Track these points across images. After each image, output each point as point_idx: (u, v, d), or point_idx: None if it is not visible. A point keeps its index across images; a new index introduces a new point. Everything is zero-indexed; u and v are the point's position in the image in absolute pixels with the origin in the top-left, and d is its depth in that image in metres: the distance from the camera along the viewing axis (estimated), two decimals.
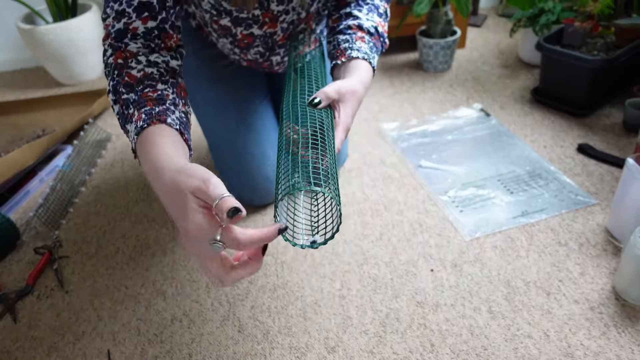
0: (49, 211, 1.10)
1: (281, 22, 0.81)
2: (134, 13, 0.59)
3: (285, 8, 0.78)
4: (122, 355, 0.80)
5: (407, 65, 1.67)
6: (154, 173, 0.50)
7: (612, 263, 0.87)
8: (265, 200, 1.06)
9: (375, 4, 0.78)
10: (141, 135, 0.54)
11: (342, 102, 0.63)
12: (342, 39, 0.73)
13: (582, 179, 1.07)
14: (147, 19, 0.60)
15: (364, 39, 0.72)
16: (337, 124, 0.62)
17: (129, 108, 0.56)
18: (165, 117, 0.55)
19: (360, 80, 0.66)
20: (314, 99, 0.60)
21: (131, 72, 0.58)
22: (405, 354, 0.75)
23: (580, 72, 1.21)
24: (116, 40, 0.60)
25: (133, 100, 0.56)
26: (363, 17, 0.75)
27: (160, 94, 0.57)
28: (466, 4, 1.42)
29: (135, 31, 0.60)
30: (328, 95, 0.60)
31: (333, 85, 0.62)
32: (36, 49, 1.65)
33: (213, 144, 1.04)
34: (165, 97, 0.58)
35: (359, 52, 0.70)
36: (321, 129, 0.56)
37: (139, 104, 0.56)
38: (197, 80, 0.99)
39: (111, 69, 0.59)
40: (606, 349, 0.73)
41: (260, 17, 0.78)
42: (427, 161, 1.17)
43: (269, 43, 0.85)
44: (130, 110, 0.56)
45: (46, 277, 0.96)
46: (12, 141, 1.38)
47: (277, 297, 0.87)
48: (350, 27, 0.74)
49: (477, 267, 0.89)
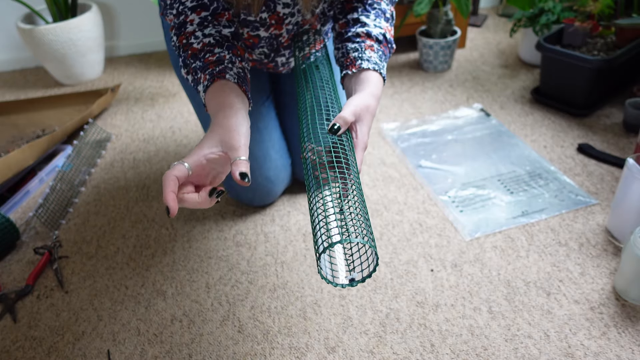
0: (49, 211, 1.10)
1: (287, 25, 0.81)
2: (189, 11, 0.70)
3: (291, 11, 0.79)
4: (122, 355, 0.80)
5: (407, 65, 1.67)
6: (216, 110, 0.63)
7: (612, 263, 0.87)
8: (266, 201, 1.06)
9: (382, 8, 0.78)
10: (207, 92, 0.65)
11: (358, 122, 0.65)
12: (351, 47, 0.73)
13: (582, 179, 1.07)
14: (200, 11, 0.70)
15: (373, 47, 0.73)
16: (356, 145, 0.64)
17: (197, 73, 0.67)
18: (224, 74, 0.65)
19: (372, 93, 0.68)
20: (333, 125, 0.62)
21: (193, 45, 0.69)
22: (405, 354, 0.75)
23: (580, 72, 1.21)
24: (177, 29, 0.71)
25: (199, 66, 0.67)
26: (371, 24, 0.75)
27: (218, 56, 0.68)
28: (466, 4, 1.42)
29: (192, 22, 0.70)
30: (346, 120, 0.63)
31: (349, 107, 0.64)
32: (36, 49, 1.65)
33: None
34: (223, 58, 0.68)
35: (369, 62, 0.71)
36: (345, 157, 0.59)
37: (204, 68, 0.67)
38: None
39: (179, 48, 0.71)
40: (606, 349, 0.73)
41: (267, 20, 0.78)
42: (427, 161, 1.17)
43: (274, 44, 0.85)
44: (198, 75, 0.67)
45: (46, 277, 0.96)
46: (12, 141, 1.38)
47: (277, 297, 0.87)
48: (359, 34, 0.74)
49: (477, 267, 0.89)
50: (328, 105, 0.68)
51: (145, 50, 1.98)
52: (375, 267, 0.53)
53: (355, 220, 0.53)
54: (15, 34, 1.84)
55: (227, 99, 0.63)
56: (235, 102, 0.63)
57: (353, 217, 0.53)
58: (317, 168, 0.59)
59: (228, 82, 0.65)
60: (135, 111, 1.54)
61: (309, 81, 0.72)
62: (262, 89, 1.03)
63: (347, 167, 0.58)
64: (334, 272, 0.56)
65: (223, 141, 0.59)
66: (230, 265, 0.94)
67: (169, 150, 1.32)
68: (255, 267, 0.93)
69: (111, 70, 1.85)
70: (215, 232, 1.03)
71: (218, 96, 0.64)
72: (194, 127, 1.42)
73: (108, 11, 1.87)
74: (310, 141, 0.63)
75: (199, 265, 0.95)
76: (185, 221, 1.07)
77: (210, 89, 0.65)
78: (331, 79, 0.74)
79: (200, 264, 0.95)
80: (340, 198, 0.55)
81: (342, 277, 0.55)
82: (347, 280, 0.54)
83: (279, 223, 1.03)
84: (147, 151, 1.33)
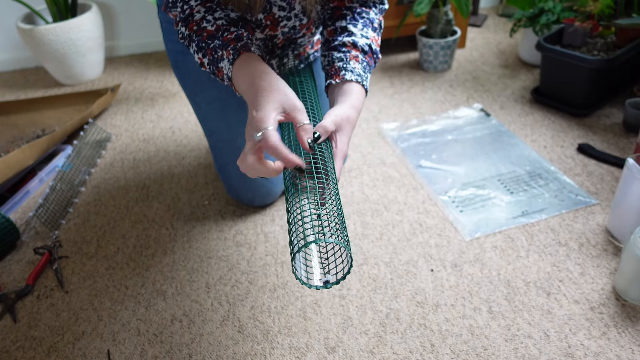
0: (49, 211, 1.10)
1: (282, 27, 0.81)
2: (194, 2, 0.71)
3: (287, 14, 0.79)
4: (122, 355, 0.80)
5: (407, 65, 1.67)
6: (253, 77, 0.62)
7: (612, 263, 0.87)
8: (266, 201, 1.06)
9: (370, 17, 0.79)
10: (235, 64, 0.65)
11: (338, 131, 0.66)
12: (337, 57, 0.75)
13: (582, 179, 1.07)
14: (205, 2, 0.72)
15: (358, 58, 0.74)
16: (336, 154, 0.65)
17: (217, 52, 0.67)
18: (250, 46, 0.66)
19: (353, 104, 0.69)
20: (314, 134, 0.63)
21: (207, 27, 0.70)
22: (405, 354, 0.75)
23: (580, 72, 1.21)
24: (184, 21, 0.72)
25: (218, 45, 0.67)
26: (358, 33, 0.76)
27: (237, 34, 0.68)
28: (466, 4, 1.42)
29: (199, 11, 0.71)
30: (327, 129, 0.64)
31: (330, 117, 0.65)
32: (36, 49, 1.65)
33: (214, 144, 1.03)
34: (241, 35, 0.68)
35: (352, 73, 0.72)
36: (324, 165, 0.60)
37: (224, 46, 0.67)
38: (199, 81, 0.99)
39: (189, 36, 0.71)
40: (606, 349, 0.73)
41: (262, 21, 0.79)
42: (427, 161, 1.17)
43: (269, 46, 0.86)
44: (218, 53, 0.67)
45: (46, 277, 0.96)
46: (12, 141, 1.38)
47: (277, 297, 0.87)
48: (345, 44, 0.75)
49: (477, 267, 0.89)
50: (309, 115, 0.69)
51: (145, 50, 1.98)
52: (350, 269, 0.54)
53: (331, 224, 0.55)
54: (15, 34, 1.84)
55: (261, 66, 0.64)
56: (271, 70, 0.63)
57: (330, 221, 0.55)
58: (297, 175, 0.60)
59: (254, 54, 0.66)
60: (135, 111, 1.54)
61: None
62: None
63: (325, 175, 0.59)
64: (309, 273, 0.57)
65: (284, 102, 0.60)
66: (230, 265, 0.94)
67: (169, 150, 1.32)
68: (255, 267, 0.93)
69: (111, 70, 1.85)
70: (215, 232, 1.03)
71: (250, 65, 0.64)
72: (194, 127, 1.42)
73: (108, 11, 1.87)
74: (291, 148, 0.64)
75: (199, 265, 0.95)
76: (185, 221, 1.07)
77: (238, 61, 0.65)
78: (314, 91, 0.76)
79: (200, 264, 0.95)
80: (318, 204, 0.56)
81: (316, 279, 0.57)
82: (321, 282, 0.56)
83: (279, 223, 1.03)
84: (147, 151, 1.33)
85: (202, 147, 1.32)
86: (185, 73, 0.99)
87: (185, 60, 0.96)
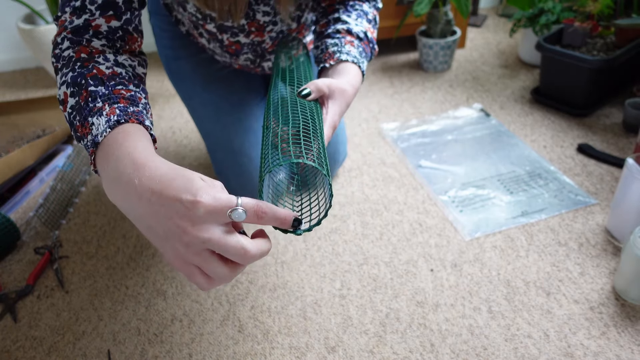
0: (49, 211, 1.10)
1: (269, 32, 0.80)
2: (97, 11, 0.56)
3: (272, 19, 0.78)
4: (122, 355, 0.80)
5: (407, 65, 1.67)
6: (133, 165, 0.44)
7: (612, 263, 0.87)
8: None
9: (364, 10, 0.77)
10: (116, 129, 0.49)
11: (331, 98, 0.61)
12: (331, 42, 0.71)
13: (582, 179, 1.07)
14: (111, 18, 0.57)
15: (353, 43, 0.71)
16: (325, 120, 0.59)
17: (96, 101, 0.51)
18: (143, 119, 0.52)
19: (350, 82, 0.64)
20: (303, 89, 0.58)
21: (100, 67, 0.54)
22: (405, 354, 0.75)
23: (580, 72, 1.22)
24: (75, 35, 0.56)
25: (103, 93, 0.52)
26: (352, 22, 0.74)
27: (133, 95, 0.54)
28: (466, 4, 1.42)
29: (98, 29, 0.57)
30: (318, 87, 0.58)
31: (324, 80, 0.61)
32: (36, 49, 1.65)
33: (211, 146, 1.04)
34: (138, 99, 0.54)
35: (348, 55, 0.68)
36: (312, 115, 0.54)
37: (110, 99, 0.51)
38: (193, 84, 0.99)
39: (70, 61, 0.55)
40: (606, 349, 0.73)
41: (245, 27, 0.77)
42: (427, 161, 1.18)
43: (258, 51, 0.84)
44: (98, 103, 0.51)
45: (46, 277, 0.96)
46: (12, 141, 1.38)
47: (277, 297, 0.87)
48: (339, 31, 0.72)
49: (477, 267, 0.89)
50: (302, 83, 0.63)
51: (144, 50, 1.98)
52: (327, 212, 0.49)
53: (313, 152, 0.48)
54: (16, 34, 1.84)
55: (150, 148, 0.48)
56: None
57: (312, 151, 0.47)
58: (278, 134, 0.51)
59: (145, 131, 0.51)
60: None
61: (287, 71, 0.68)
62: (255, 90, 1.03)
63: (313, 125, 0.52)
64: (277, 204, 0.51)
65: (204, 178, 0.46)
66: None
67: (169, 150, 1.33)
68: (255, 267, 0.93)
69: None
70: None
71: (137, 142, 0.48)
72: (194, 127, 1.42)
73: None
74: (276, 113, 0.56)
75: None
76: None
77: (123, 127, 0.49)
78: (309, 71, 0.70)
79: None
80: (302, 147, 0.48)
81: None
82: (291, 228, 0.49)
83: None
84: None
85: (202, 147, 1.32)
86: (179, 78, 0.99)
87: (178, 65, 0.96)
